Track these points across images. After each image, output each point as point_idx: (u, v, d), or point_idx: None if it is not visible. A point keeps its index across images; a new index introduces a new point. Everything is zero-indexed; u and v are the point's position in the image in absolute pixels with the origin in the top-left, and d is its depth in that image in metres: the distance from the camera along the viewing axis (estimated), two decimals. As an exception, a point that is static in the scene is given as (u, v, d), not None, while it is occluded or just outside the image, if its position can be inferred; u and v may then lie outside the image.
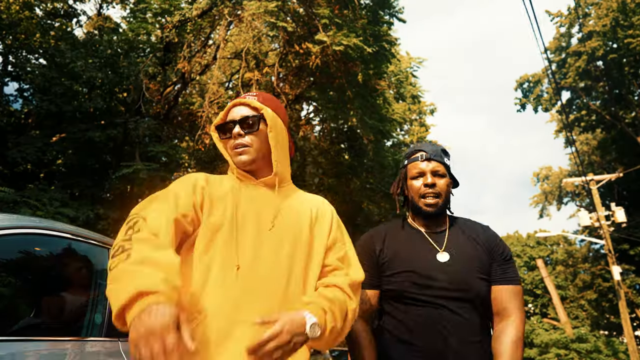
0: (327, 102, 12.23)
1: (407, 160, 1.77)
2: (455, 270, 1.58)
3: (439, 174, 1.69)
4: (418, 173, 1.70)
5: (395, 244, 1.70)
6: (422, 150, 1.73)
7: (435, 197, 1.67)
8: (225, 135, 1.38)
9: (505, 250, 1.68)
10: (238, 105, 1.38)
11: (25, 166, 10.24)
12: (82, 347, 1.87)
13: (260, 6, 8.98)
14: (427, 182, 1.66)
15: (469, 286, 1.56)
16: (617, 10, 19.89)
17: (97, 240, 2.20)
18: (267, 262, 1.21)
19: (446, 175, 1.70)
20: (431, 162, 1.69)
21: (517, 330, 1.53)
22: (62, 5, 11.40)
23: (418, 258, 1.63)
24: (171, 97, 11.55)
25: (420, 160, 1.71)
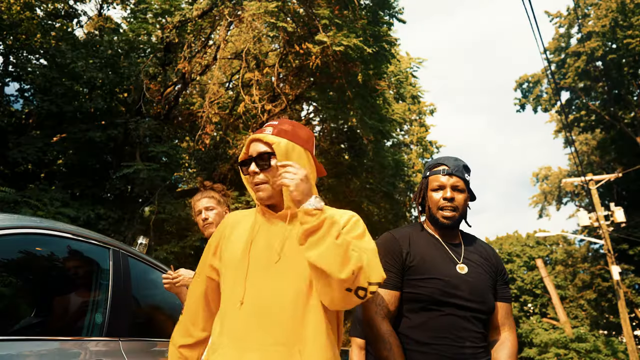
0: (327, 103, 12.23)
1: (429, 172, 1.83)
2: (474, 283, 1.68)
3: (458, 189, 1.75)
4: (438, 186, 1.77)
5: (420, 249, 1.75)
6: (444, 164, 1.79)
7: (453, 211, 1.74)
8: (245, 172, 1.44)
9: (506, 271, 1.85)
10: (255, 140, 1.43)
11: (26, 166, 10.25)
12: (82, 346, 1.88)
13: (261, 6, 9.00)
14: (447, 196, 1.73)
15: (484, 299, 1.68)
16: (617, 11, 19.89)
17: (97, 240, 2.21)
18: (271, 294, 1.27)
19: (465, 190, 1.77)
20: (452, 177, 1.75)
21: (514, 345, 1.72)
22: (62, 6, 11.41)
23: (443, 267, 1.70)
24: (171, 97, 11.56)
25: (442, 174, 1.77)
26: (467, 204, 1.81)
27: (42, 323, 1.86)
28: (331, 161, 13.85)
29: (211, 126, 10.36)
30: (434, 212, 1.76)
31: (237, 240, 1.41)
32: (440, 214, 1.75)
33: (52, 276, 2.02)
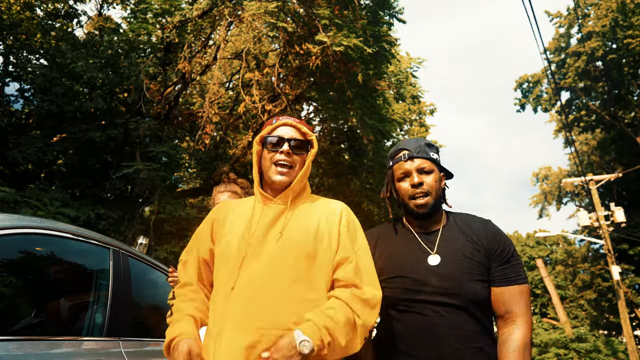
0: (327, 103, 12.24)
1: (391, 162, 1.68)
2: (446, 274, 1.48)
3: (425, 170, 1.59)
4: (403, 174, 1.61)
5: (388, 248, 1.63)
6: (404, 148, 1.64)
7: (425, 196, 1.58)
8: (270, 148, 1.48)
9: (506, 247, 1.54)
10: (287, 125, 1.51)
11: (26, 166, 10.25)
12: (83, 346, 1.88)
13: (261, 7, 9.00)
14: (414, 182, 1.58)
15: (461, 290, 1.45)
16: (617, 11, 19.89)
17: (98, 240, 2.21)
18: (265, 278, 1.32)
19: (434, 170, 1.60)
20: (415, 160, 1.60)
21: (523, 336, 1.42)
22: (62, 6, 11.41)
23: (409, 262, 1.55)
24: (172, 97, 11.56)
25: (403, 160, 1.62)
26: (441, 184, 1.63)
27: (42, 323, 1.86)
28: (331, 161, 13.85)
29: (211, 126, 10.35)
30: (407, 202, 1.61)
31: (233, 227, 1.44)
32: (412, 203, 1.59)
33: (52, 276, 2.02)
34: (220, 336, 1.27)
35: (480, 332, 1.45)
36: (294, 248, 1.35)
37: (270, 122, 1.54)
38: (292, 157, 1.47)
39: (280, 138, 1.47)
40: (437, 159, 1.63)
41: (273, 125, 1.51)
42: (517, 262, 1.54)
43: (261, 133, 1.52)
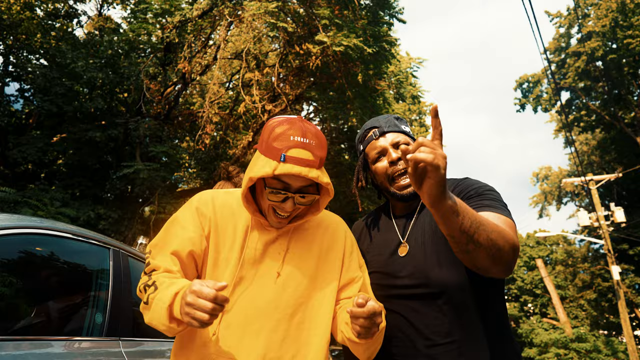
0: (327, 102, 12.24)
1: (362, 145, 1.48)
2: (417, 262, 1.32)
3: (400, 144, 1.39)
4: (378, 153, 1.41)
5: (368, 240, 1.49)
6: (372, 127, 1.45)
7: (406, 173, 1.36)
8: (271, 198, 1.20)
9: (474, 185, 1.35)
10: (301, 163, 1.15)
11: (26, 166, 10.26)
12: (82, 347, 1.88)
13: (261, 7, 9.00)
14: (392, 158, 1.38)
15: (429, 279, 1.28)
16: (617, 11, 19.90)
17: (98, 240, 2.20)
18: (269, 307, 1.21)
19: (409, 144, 1.39)
20: (387, 135, 1.41)
21: (508, 225, 1.19)
22: (62, 6, 11.42)
23: (384, 254, 1.41)
24: (172, 97, 11.56)
25: (375, 138, 1.42)
26: None
27: (42, 323, 1.85)
28: (331, 161, 13.85)
29: (211, 126, 10.36)
30: (388, 186, 1.41)
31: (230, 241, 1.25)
32: (396, 185, 1.39)
33: (52, 276, 2.02)
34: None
35: (456, 325, 1.25)
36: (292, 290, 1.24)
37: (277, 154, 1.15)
38: (299, 207, 1.24)
39: (286, 190, 1.18)
40: (409, 131, 1.45)
41: (281, 163, 1.14)
42: (492, 197, 1.29)
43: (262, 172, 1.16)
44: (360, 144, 1.49)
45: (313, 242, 1.31)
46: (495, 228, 1.08)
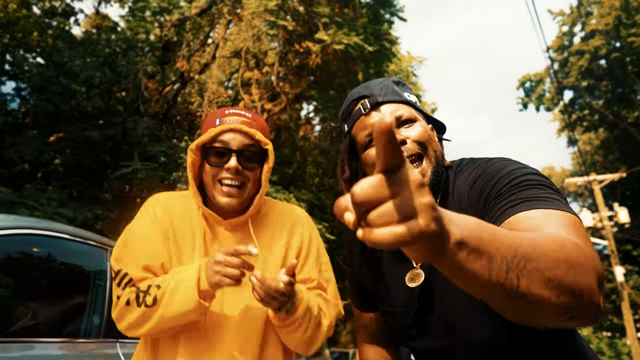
0: (327, 102, 12.18)
1: (346, 124, 1.04)
2: (429, 302, 0.93)
3: (403, 119, 0.96)
4: (370, 135, 0.97)
5: (372, 262, 1.09)
6: (362, 96, 1.00)
7: (419, 159, 0.93)
8: (213, 162, 1.15)
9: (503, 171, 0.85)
10: (236, 131, 1.16)
11: (22, 166, 10.22)
12: (80, 348, 1.86)
13: (260, 5, 8.92)
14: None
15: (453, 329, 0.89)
16: (620, 9, 19.81)
17: (95, 241, 2.19)
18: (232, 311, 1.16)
19: (417, 118, 0.97)
20: (382, 107, 0.97)
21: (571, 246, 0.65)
22: (59, 4, 11.37)
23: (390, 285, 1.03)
24: (170, 96, 11.50)
25: (364, 113, 0.98)
26: (435, 136, 0.99)
27: (39, 324, 1.84)
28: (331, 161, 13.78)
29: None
30: None
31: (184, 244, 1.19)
32: None
33: (49, 277, 2.02)
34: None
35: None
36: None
37: (212, 122, 1.18)
38: (243, 174, 1.15)
39: (227, 149, 1.14)
40: (415, 101, 1.01)
41: (216, 129, 1.15)
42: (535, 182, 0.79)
43: (200, 138, 1.16)
44: (345, 122, 1.04)
45: (272, 239, 1.24)
46: (555, 254, 0.58)
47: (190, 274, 1.07)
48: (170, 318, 1.08)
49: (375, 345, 1.15)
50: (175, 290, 1.07)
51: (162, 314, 1.08)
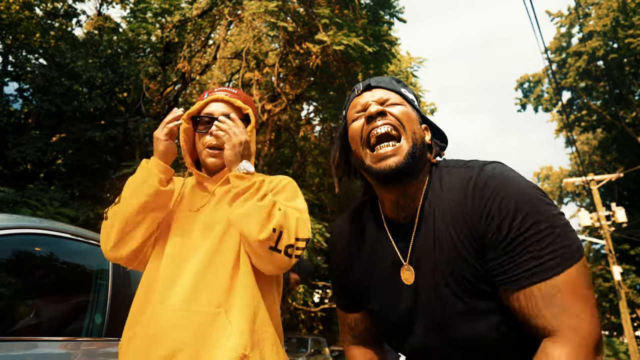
0: (327, 102, 12.22)
1: (344, 111, 1.06)
2: (424, 300, 0.91)
3: (390, 103, 0.97)
4: (358, 111, 0.99)
5: (359, 260, 1.05)
6: (357, 87, 1.04)
7: (393, 139, 0.92)
8: (200, 130, 1.33)
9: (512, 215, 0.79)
10: (218, 101, 1.34)
11: (25, 166, 10.24)
12: (82, 347, 1.86)
13: (261, 6, 8.97)
14: (371, 112, 0.93)
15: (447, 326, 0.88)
16: (618, 10, 19.88)
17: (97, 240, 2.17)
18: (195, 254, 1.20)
19: (404, 104, 0.97)
20: (374, 90, 1.00)
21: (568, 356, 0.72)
22: (62, 5, 11.40)
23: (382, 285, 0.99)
24: (171, 97, 11.54)
25: (357, 94, 1.02)
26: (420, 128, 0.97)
27: (41, 323, 1.84)
28: (331, 161, 13.81)
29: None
30: (363, 155, 0.95)
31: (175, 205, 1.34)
32: (372, 156, 0.92)
33: (51, 277, 2.01)
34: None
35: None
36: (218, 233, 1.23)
37: (202, 97, 1.38)
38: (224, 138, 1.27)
39: (210, 117, 1.31)
40: (411, 99, 1.01)
41: (203, 101, 1.34)
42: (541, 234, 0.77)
43: (190, 109, 1.35)
44: (344, 110, 1.07)
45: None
46: None
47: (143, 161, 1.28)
48: (129, 196, 1.22)
49: (361, 346, 1.15)
50: (129, 182, 1.26)
51: (124, 197, 1.24)
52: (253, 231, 1.12)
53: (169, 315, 1.13)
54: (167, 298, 1.15)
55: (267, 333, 1.17)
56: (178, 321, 1.11)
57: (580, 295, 0.76)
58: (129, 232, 1.23)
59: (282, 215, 1.15)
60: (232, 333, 1.11)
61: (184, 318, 1.12)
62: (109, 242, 1.24)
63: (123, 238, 1.23)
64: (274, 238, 1.13)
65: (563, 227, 0.78)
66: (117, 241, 1.23)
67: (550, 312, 0.75)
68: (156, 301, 1.17)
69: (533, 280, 0.77)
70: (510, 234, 0.78)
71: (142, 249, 1.27)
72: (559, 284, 0.76)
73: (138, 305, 1.22)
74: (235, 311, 1.14)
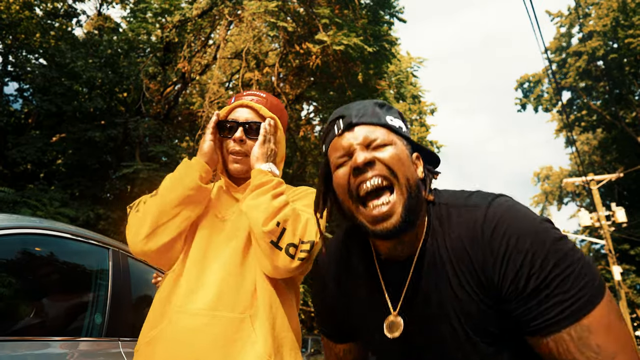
0: (327, 102, 12.23)
1: (324, 145, 0.96)
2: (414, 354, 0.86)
3: (377, 144, 0.86)
4: (342, 156, 0.88)
5: (347, 298, 0.98)
6: (338, 117, 0.91)
7: (386, 190, 0.83)
8: (225, 135, 1.34)
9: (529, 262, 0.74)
10: (244, 107, 1.34)
11: (25, 166, 10.24)
12: (82, 347, 1.86)
13: (261, 6, 8.97)
14: (357, 163, 0.83)
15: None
16: (618, 10, 19.88)
17: (97, 240, 2.19)
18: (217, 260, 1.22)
19: (392, 142, 0.86)
20: (356, 128, 0.87)
21: None
22: (62, 5, 11.40)
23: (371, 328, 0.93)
24: (171, 97, 11.54)
25: (338, 134, 0.89)
26: (416, 167, 0.89)
27: (42, 323, 1.84)
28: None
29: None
30: (353, 210, 0.86)
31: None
32: (364, 214, 0.84)
33: (51, 276, 2.00)
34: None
35: None
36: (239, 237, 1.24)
37: (229, 102, 1.39)
38: (248, 144, 1.31)
39: (235, 122, 1.31)
40: (398, 127, 0.90)
41: (229, 106, 1.35)
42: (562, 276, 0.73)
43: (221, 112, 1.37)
44: (324, 143, 0.96)
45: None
46: None
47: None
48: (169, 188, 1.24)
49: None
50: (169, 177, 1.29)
51: (162, 189, 1.26)
52: (259, 221, 1.13)
53: (193, 320, 1.12)
54: (191, 302, 1.15)
55: (286, 339, 1.17)
56: (203, 327, 1.11)
57: (613, 333, 0.72)
58: (164, 224, 1.22)
59: (290, 212, 1.16)
60: (256, 340, 1.11)
61: (208, 324, 1.11)
62: (140, 233, 1.22)
63: (156, 230, 1.22)
64: (276, 232, 1.12)
65: (582, 263, 0.74)
66: (149, 232, 1.21)
67: (584, 356, 0.71)
68: (179, 305, 1.16)
69: (562, 325, 0.72)
70: (530, 284, 0.74)
71: (174, 245, 1.25)
72: (589, 324, 0.72)
73: (159, 307, 1.21)
74: (257, 317, 1.15)
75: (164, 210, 1.22)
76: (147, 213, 1.23)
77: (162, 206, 1.22)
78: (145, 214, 1.23)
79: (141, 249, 1.22)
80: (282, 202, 1.16)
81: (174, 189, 1.24)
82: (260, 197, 1.17)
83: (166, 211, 1.22)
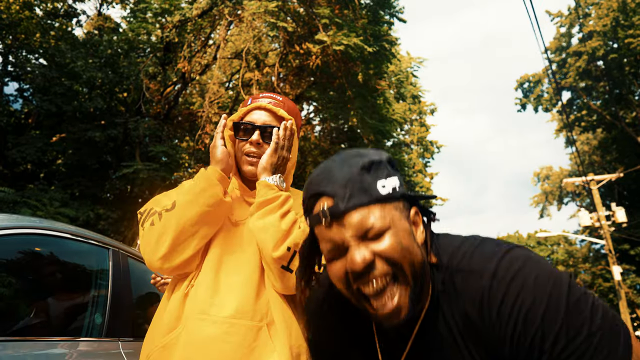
0: (327, 102, 12.24)
1: (306, 217, 0.84)
2: None
3: (373, 233, 0.74)
4: (332, 251, 0.77)
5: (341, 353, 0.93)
6: (319, 193, 0.78)
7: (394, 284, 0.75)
8: (240, 137, 1.31)
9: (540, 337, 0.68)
10: (261, 109, 1.32)
11: (25, 166, 10.25)
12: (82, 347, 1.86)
13: (261, 6, 8.98)
14: (355, 268, 0.73)
15: None
16: (618, 10, 19.88)
17: (97, 240, 2.19)
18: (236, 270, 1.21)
19: (391, 225, 0.75)
20: (346, 218, 0.74)
21: None
22: (62, 5, 11.40)
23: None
24: (171, 97, 11.55)
25: (325, 225, 0.76)
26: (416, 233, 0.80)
27: (41, 323, 1.84)
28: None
29: (211, 126, 10.34)
30: (355, 301, 0.79)
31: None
32: (374, 315, 0.77)
33: (52, 276, 2.00)
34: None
35: None
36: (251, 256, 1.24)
37: (246, 102, 1.36)
38: (264, 147, 1.28)
39: (251, 125, 1.29)
40: (392, 189, 0.78)
41: (246, 107, 1.32)
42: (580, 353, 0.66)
43: (233, 116, 1.34)
44: (306, 214, 0.84)
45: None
46: None
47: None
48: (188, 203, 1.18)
49: None
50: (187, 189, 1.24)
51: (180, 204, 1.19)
52: (268, 247, 1.12)
53: (213, 327, 1.11)
54: (207, 309, 1.14)
55: (303, 347, 1.15)
56: (223, 335, 1.10)
57: None
58: (183, 241, 1.17)
59: (300, 234, 1.13)
60: (274, 349, 1.11)
61: (228, 332, 1.11)
62: (158, 251, 1.17)
63: (176, 248, 1.17)
64: (287, 257, 1.11)
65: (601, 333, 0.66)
66: (169, 250, 1.17)
67: None
68: (195, 312, 1.14)
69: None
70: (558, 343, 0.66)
71: (191, 262, 1.21)
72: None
73: (172, 313, 1.19)
74: (274, 325, 1.15)
75: (183, 228, 1.17)
76: (165, 231, 1.17)
77: (181, 224, 1.17)
78: (162, 231, 1.17)
79: (159, 267, 1.20)
80: (290, 223, 1.15)
81: (193, 205, 1.18)
82: (268, 217, 1.15)
83: (185, 229, 1.17)
